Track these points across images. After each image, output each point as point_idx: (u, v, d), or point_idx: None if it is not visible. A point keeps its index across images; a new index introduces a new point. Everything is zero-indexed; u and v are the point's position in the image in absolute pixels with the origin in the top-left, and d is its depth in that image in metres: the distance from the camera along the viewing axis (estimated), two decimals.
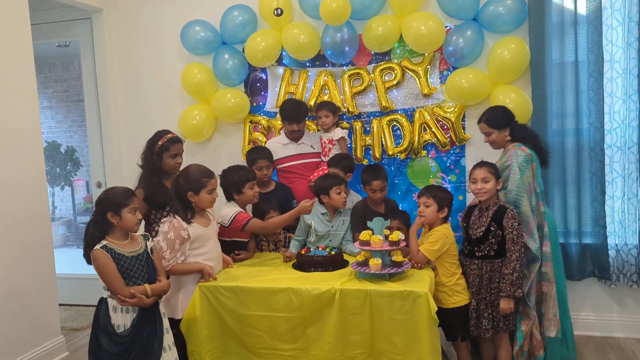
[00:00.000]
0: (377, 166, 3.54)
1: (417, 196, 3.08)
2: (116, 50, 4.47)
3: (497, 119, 3.13)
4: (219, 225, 3.11)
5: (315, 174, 3.67)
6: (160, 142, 3.22)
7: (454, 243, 2.93)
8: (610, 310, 3.71)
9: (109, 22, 4.43)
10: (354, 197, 3.55)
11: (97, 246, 2.49)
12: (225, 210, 3.16)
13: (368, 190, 3.36)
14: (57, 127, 7.75)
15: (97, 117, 4.54)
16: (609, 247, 3.54)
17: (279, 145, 3.80)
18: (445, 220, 2.97)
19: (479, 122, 3.20)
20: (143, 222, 3.05)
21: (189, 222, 2.82)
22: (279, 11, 3.42)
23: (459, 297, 2.91)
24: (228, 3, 4.06)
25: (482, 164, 3.00)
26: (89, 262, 2.53)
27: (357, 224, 3.27)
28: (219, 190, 3.06)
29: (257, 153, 3.63)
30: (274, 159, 3.73)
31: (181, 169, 3.07)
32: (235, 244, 3.28)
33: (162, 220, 2.88)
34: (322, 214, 3.30)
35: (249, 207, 3.34)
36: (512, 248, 2.85)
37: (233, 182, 3.18)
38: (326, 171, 3.58)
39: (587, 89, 3.48)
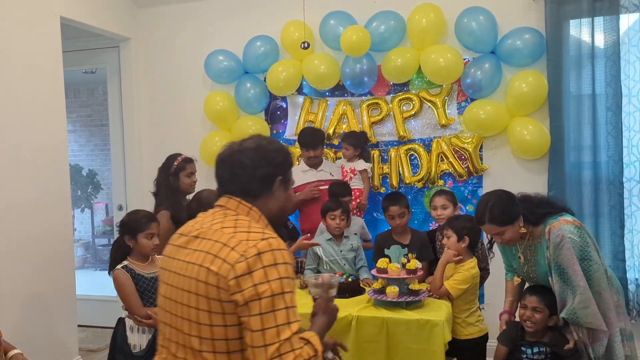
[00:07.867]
0: (397, 193, 3.58)
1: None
2: (142, 78, 4.61)
3: (502, 214, 2.40)
4: None
5: None
6: (175, 163, 3.31)
7: (478, 282, 2.92)
8: None
9: (136, 51, 4.58)
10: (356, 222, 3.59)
11: (119, 266, 2.55)
12: None
13: (387, 217, 3.37)
14: (79, 151, 7.93)
15: (121, 141, 4.66)
16: (629, 282, 3.49)
17: (299, 172, 3.85)
18: (471, 249, 2.93)
19: (482, 223, 2.46)
20: None
21: None
22: (306, 44, 3.52)
23: (472, 329, 2.88)
24: (251, 34, 4.18)
25: (440, 192, 3.28)
26: None
27: (377, 255, 3.19)
28: None
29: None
30: (294, 185, 3.80)
31: (196, 189, 3.14)
32: None
33: None
34: (328, 240, 3.30)
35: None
36: None
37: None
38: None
39: (605, 122, 3.48)
